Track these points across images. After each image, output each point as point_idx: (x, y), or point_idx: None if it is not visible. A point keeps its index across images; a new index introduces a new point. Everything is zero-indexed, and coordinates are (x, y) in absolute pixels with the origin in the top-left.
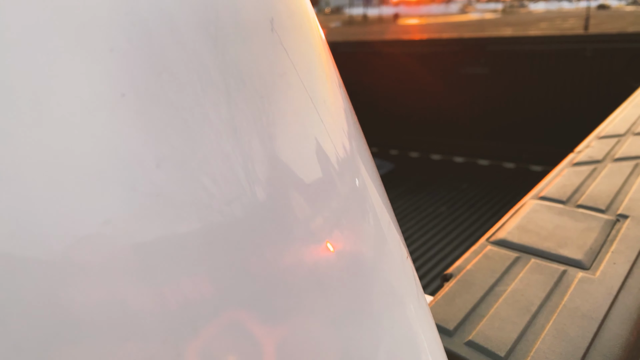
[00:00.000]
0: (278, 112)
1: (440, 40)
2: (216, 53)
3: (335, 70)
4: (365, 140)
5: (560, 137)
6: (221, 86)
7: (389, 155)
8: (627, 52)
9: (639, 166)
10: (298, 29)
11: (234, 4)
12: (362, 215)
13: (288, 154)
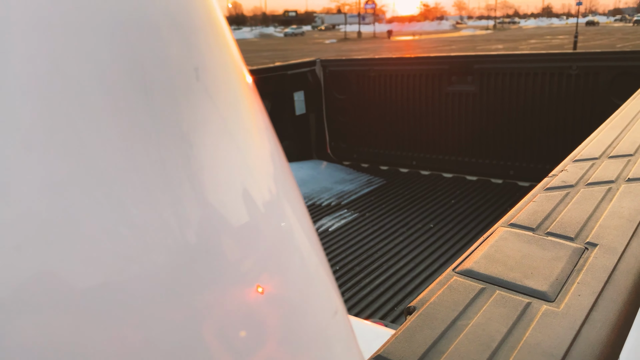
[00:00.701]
0: (204, 158)
1: (428, 58)
2: (145, 101)
3: (263, 113)
4: (295, 182)
5: (547, 154)
6: (149, 133)
7: (379, 171)
8: (611, 70)
9: (611, 191)
10: (223, 77)
11: (160, 55)
12: (288, 259)
13: (213, 199)
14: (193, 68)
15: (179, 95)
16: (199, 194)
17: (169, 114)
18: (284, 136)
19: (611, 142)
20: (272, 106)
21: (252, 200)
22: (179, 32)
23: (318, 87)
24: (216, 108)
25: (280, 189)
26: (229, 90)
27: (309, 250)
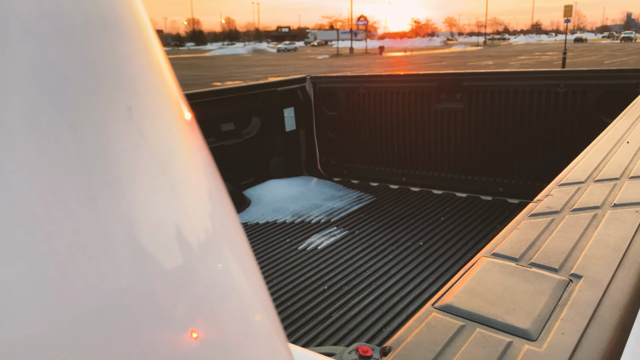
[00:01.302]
0: (137, 199)
1: (417, 75)
2: (75, 140)
3: (203, 148)
4: (238, 220)
5: (535, 171)
6: (79, 173)
7: (369, 187)
8: (598, 88)
9: (597, 217)
10: (159, 114)
11: (91, 91)
12: (225, 302)
13: (146, 241)
14: (126, 107)
15: (111, 133)
16: (131, 237)
17: (99, 152)
18: (274, 152)
19: (597, 165)
20: (261, 123)
21: (186, 242)
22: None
23: (308, 104)
24: (149, 147)
25: (218, 229)
26: (164, 128)
27: (248, 292)
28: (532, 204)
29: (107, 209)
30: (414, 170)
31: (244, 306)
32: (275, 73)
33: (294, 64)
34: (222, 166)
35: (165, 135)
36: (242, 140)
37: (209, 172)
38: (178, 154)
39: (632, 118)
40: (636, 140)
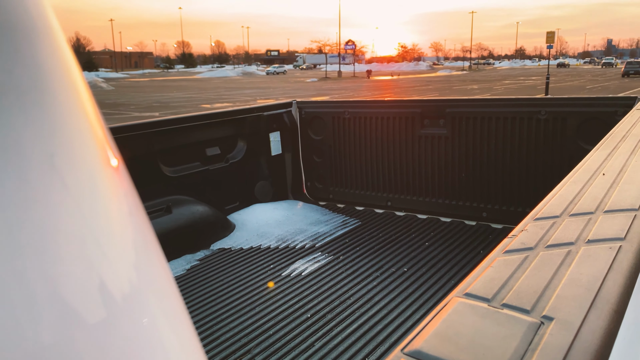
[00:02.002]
0: (59, 249)
1: (401, 101)
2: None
3: (131, 194)
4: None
5: (518, 196)
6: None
7: (355, 211)
8: (578, 115)
9: (570, 254)
10: (81, 162)
11: (10, 140)
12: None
13: (69, 295)
14: (48, 155)
15: (31, 181)
16: (53, 292)
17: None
18: (260, 176)
19: (573, 198)
20: (247, 147)
21: (110, 296)
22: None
23: (294, 128)
24: (71, 196)
25: (145, 281)
26: (87, 175)
27: (175, 348)
28: (507, 239)
29: (29, 262)
30: (399, 194)
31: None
32: (264, 95)
33: (282, 87)
34: (206, 190)
35: (89, 185)
36: (227, 165)
37: (137, 220)
38: (102, 205)
39: (608, 149)
40: (612, 171)
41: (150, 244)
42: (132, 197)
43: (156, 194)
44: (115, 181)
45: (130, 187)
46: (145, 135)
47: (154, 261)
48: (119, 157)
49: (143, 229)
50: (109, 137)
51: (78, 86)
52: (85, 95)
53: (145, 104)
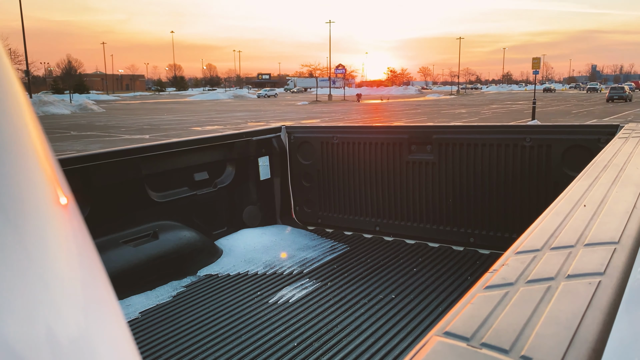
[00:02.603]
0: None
1: (389, 127)
2: None
3: (81, 233)
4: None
5: (505, 222)
6: None
7: (343, 236)
8: (562, 142)
9: (550, 290)
10: (29, 201)
11: None
12: None
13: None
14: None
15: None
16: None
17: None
18: (248, 201)
19: (554, 231)
20: (236, 171)
21: (56, 341)
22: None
23: (283, 153)
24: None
25: (94, 324)
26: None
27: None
28: (488, 274)
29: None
30: (387, 219)
31: None
32: (255, 118)
33: (273, 110)
34: (194, 216)
35: (34, 226)
36: (215, 189)
37: (86, 261)
38: (49, 246)
39: (590, 178)
40: (593, 202)
41: (100, 286)
42: (82, 236)
43: (143, 219)
44: (63, 221)
45: (80, 226)
46: (133, 160)
47: (104, 304)
48: (69, 196)
49: (92, 269)
50: (58, 174)
51: (25, 123)
52: (33, 131)
53: (136, 127)
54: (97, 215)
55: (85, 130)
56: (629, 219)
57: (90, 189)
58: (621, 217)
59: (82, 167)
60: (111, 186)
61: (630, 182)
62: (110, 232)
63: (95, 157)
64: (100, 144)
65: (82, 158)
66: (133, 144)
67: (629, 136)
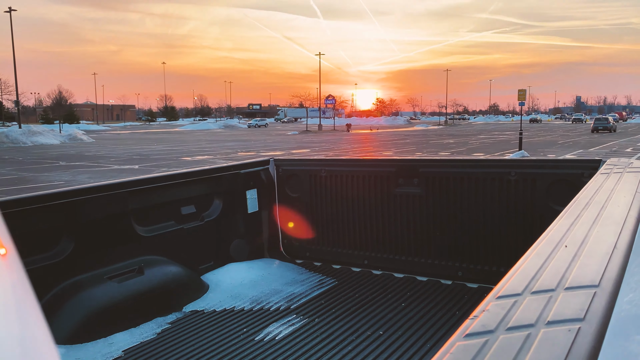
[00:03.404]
0: None
1: (376, 160)
2: None
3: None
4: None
5: (492, 256)
6: None
7: (331, 270)
8: (546, 177)
9: (530, 338)
10: None
11: None
12: None
13: None
14: None
15: None
16: None
17: None
18: (236, 234)
19: (535, 274)
20: (223, 205)
21: None
22: None
23: (271, 186)
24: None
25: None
26: None
27: None
28: (469, 320)
29: None
30: (375, 253)
31: None
32: (245, 148)
33: (263, 139)
34: (181, 250)
35: None
36: (202, 223)
37: (24, 313)
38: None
39: (572, 217)
40: (574, 243)
41: (39, 338)
42: (21, 287)
43: (128, 254)
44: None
45: (20, 276)
46: (119, 195)
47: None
48: (9, 245)
49: (31, 321)
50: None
51: None
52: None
53: (126, 157)
54: (82, 251)
55: (75, 160)
56: (609, 260)
57: (75, 225)
58: (601, 259)
59: (67, 202)
60: (97, 221)
61: (611, 221)
62: (94, 268)
63: (81, 192)
64: (89, 174)
65: (67, 193)
66: (119, 179)
67: (610, 172)
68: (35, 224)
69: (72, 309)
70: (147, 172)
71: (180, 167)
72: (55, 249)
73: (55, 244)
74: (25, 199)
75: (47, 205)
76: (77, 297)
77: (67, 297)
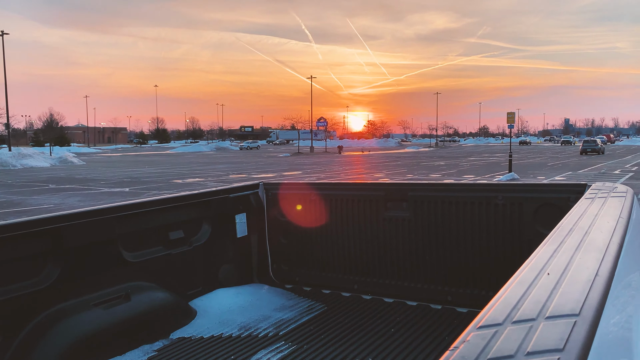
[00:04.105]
0: None
1: (365, 184)
2: None
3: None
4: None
5: (480, 280)
6: None
7: (321, 295)
8: (533, 201)
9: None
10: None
11: None
12: None
13: None
14: None
15: None
16: None
17: None
18: (224, 259)
19: (516, 303)
20: (212, 229)
21: None
22: None
23: (261, 210)
24: None
25: None
26: None
27: None
28: (449, 352)
29: None
30: (365, 277)
31: None
32: (237, 170)
33: (255, 162)
34: (168, 275)
35: None
36: (191, 248)
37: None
38: None
39: (555, 243)
40: (557, 270)
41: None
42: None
43: (115, 280)
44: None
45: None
46: (106, 220)
47: None
48: None
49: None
50: None
51: None
52: None
53: (116, 179)
54: (68, 277)
55: (64, 183)
56: (590, 288)
57: (62, 250)
58: (583, 287)
59: (53, 228)
60: (83, 247)
61: (594, 247)
62: (81, 295)
63: (67, 218)
64: (79, 197)
65: (53, 219)
66: (107, 204)
67: (595, 196)
68: (20, 251)
69: (58, 337)
70: (138, 195)
71: (171, 190)
72: (40, 276)
73: (40, 271)
74: (11, 225)
75: (33, 232)
76: (62, 325)
77: (52, 324)
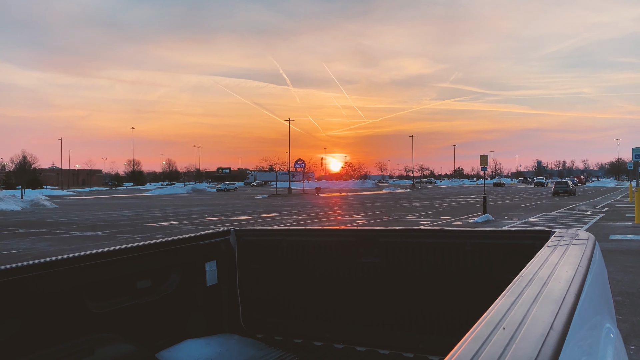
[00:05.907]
0: None
1: (337, 230)
2: None
3: None
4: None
5: (451, 327)
6: None
7: (293, 345)
8: (501, 247)
9: None
10: None
11: None
12: None
13: None
14: None
15: None
16: None
17: None
18: (193, 308)
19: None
20: (181, 277)
21: None
22: None
23: (232, 257)
24: None
25: None
26: None
27: None
28: None
29: None
30: (337, 325)
31: None
32: (213, 213)
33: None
34: (135, 326)
35: None
36: (158, 298)
37: None
38: None
39: (514, 295)
40: (512, 324)
41: None
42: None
43: (78, 333)
44: None
45: None
46: (69, 270)
47: None
48: None
49: None
50: None
51: None
52: None
53: (89, 223)
54: (29, 330)
55: (35, 227)
56: (543, 343)
57: (22, 303)
58: (536, 342)
59: (14, 280)
60: (46, 298)
61: (550, 299)
62: (41, 349)
63: (29, 269)
64: (49, 241)
65: (13, 270)
66: (71, 253)
67: (557, 244)
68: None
69: None
70: (111, 239)
71: (145, 233)
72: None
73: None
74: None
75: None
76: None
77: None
